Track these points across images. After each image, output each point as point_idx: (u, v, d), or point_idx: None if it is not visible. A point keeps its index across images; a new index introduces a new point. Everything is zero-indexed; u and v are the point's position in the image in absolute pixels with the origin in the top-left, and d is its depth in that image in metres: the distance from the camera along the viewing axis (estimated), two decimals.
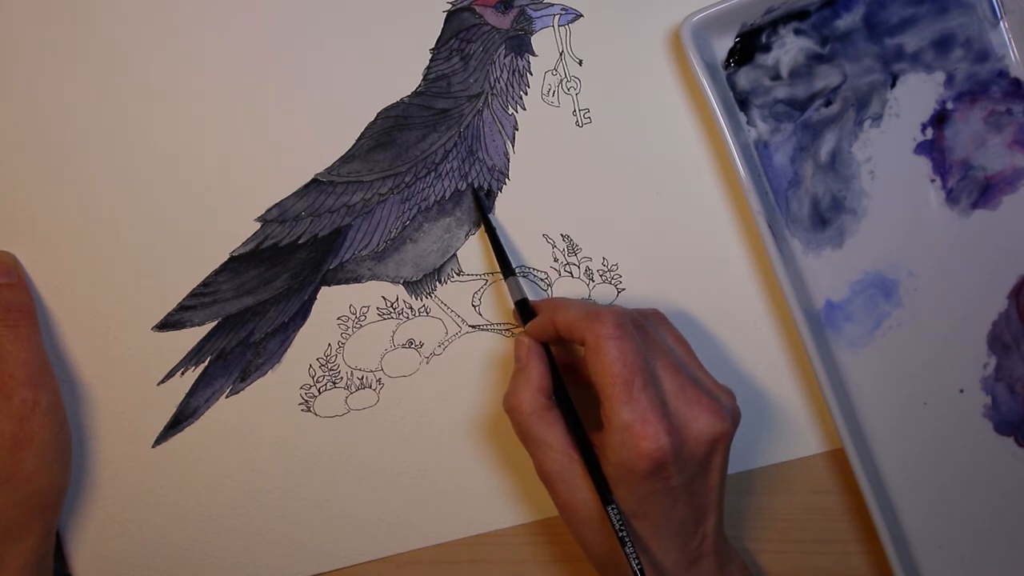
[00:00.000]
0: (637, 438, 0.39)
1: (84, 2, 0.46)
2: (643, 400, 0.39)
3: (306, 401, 0.48)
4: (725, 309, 0.48)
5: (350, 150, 0.47)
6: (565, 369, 0.45)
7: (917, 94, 0.46)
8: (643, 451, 0.39)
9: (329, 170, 0.47)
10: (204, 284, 0.47)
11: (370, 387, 0.48)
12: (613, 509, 0.40)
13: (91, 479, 0.48)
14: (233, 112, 0.46)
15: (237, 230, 0.47)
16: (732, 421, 0.41)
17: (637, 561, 0.39)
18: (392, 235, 0.47)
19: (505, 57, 0.47)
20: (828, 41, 0.46)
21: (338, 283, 0.48)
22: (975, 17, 0.45)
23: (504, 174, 0.47)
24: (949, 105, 0.46)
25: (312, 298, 0.48)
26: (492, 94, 0.47)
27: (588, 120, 0.47)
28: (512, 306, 0.46)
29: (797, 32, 0.46)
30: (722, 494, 0.43)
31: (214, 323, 0.47)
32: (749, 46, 0.46)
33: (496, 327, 0.48)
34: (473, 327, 0.48)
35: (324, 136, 0.47)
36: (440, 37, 0.47)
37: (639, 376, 0.39)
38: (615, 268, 0.48)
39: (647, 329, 0.42)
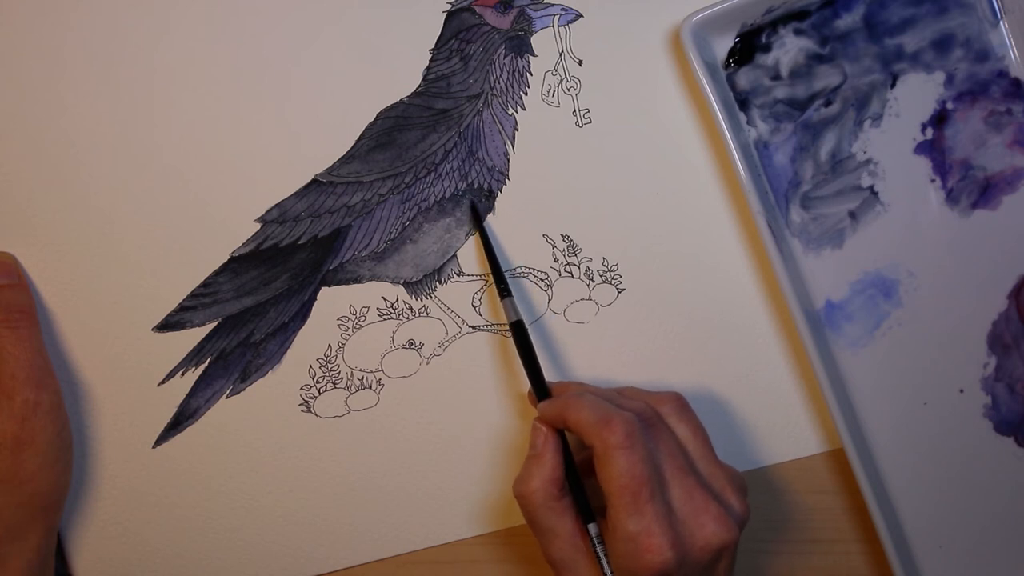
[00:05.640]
0: (641, 550, 0.39)
1: (84, 2, 0.46)
2: (649, 512, 0.39)
3: (306, 402, 0.48)
4: (725, 309, 0.48)
5: (350, 150, 0.47)
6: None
7: (917, 94, 0.46)
8: (646, 563, 0.39)
9: (329, 171, 0.47)
10: (204, 284, 0.47)
11: (370, 388, 0.48)
12: None
13: (92, 480, 0.48)
14: (233, 112, 0.46)
15: (237, 230, 0.47)
16: (740, 527, 0.41)
17: None
18: (392, 235, 0.47)
19: (505, 57, 0.47)
20: (828, 41, 0.46)
21: (338, 283, 0.48)
22: (975, 17, 0.45)
23: (504, 174, 0.47)
24: (949, 105, 0.46)
25: (312, 299, 0.48)
26: (492, 94, 0.47)
27: (588, 120, 0.47)
28: (507, 320, 0.45)
29: (797, 32, 0.46)
30: None
31: (214, 324, 0.47)
32: (749, 46, 0.46)
33: (496, 327, 0.48)
34: (473, 327, 0.48)
35: (324, 136, 0.47)
36: (440, 37, 0.46)
37: (646, 487, 0.39)
38: (615, 268, 0.48)
39: (659, 428, 0.42)
